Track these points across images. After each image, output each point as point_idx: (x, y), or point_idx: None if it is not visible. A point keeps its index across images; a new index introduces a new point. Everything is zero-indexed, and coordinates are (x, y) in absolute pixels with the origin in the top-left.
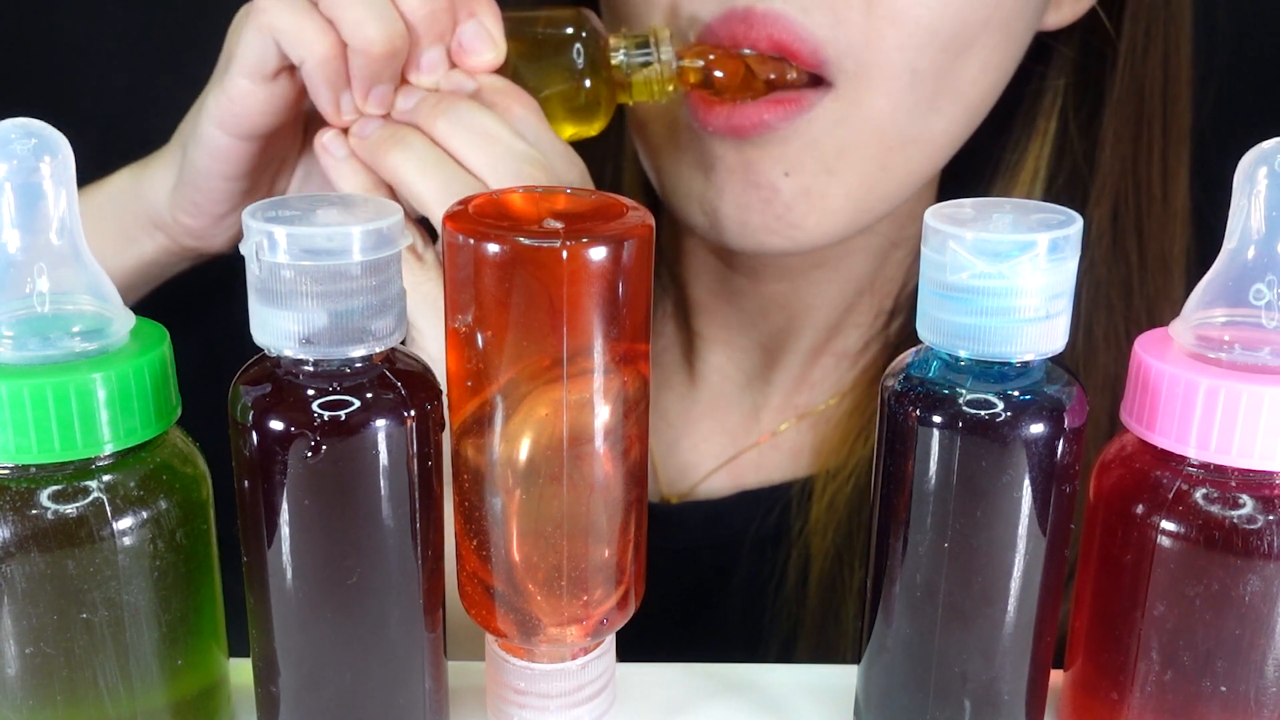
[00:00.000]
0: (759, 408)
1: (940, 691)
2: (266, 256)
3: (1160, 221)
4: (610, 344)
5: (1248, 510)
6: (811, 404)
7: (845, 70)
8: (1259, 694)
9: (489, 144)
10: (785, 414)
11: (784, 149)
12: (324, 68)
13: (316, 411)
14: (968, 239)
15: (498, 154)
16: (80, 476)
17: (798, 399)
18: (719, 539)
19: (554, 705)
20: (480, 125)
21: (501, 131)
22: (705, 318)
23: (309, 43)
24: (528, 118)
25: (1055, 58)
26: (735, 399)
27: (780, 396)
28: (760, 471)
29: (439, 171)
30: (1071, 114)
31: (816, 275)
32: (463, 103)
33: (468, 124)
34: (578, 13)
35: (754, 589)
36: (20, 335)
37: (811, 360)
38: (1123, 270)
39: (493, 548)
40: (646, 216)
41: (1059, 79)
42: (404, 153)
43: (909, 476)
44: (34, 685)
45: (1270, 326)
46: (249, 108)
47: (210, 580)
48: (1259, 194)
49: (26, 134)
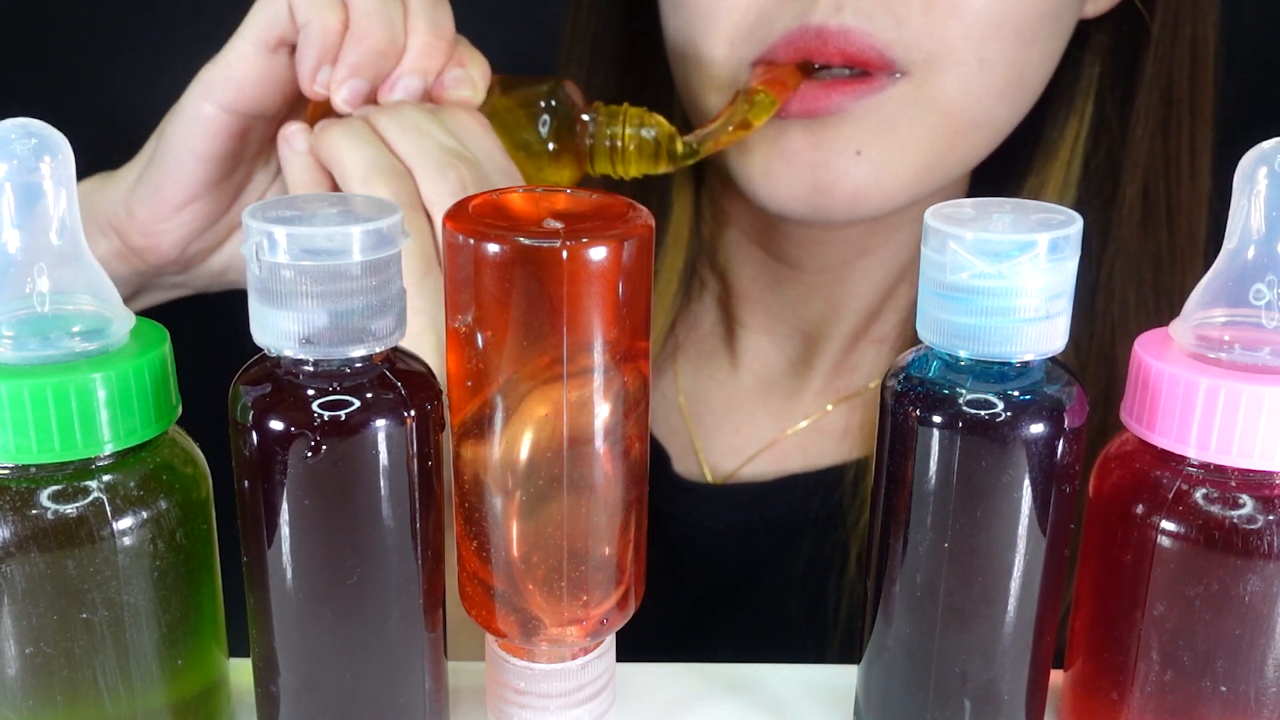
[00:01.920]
0: (800, 392)
1: (940, 691)
2: (266, 256)
3: (1188, 198)
4: (610, 344)
5: (1248, 510)
6: (851, 388)
7: (915, 61)
8: (1259, 694)
9: (420, 136)
10: (826, 398)
11: (856, 128)
12: (323, 36)
13: (316, 411)
14: (968, 239)
15: (425, 146)
16: (80, 476)
17: (838, 383)
18: (769, 520)
19: (554, 705)
20: (416, 121)
21: (434, 129)
22: (748, 307)
23: (320, 8)
24: (470, 124)
25: (1090, 43)
26: (776, 384)
27: (821, 381)
28: (805, 455)
29: (367, 148)
30: (1108, 95)
31: (859, 264)
32: (409, 106)
33: (406, 120)
34: (557, 81)
35: (813, 571)
36: (20, 335)
37: (851, 345)
38: (1153, 245)
39: (493, 548)
40: (647, 216)
41: (1095, 64)
42: (343, 132)
43: (909, 476)
44: (34, 685)
45: (1270, 326)
46: (243, 73)
47: (210, 580)
48: (1259, 194)
49: (26, 134)
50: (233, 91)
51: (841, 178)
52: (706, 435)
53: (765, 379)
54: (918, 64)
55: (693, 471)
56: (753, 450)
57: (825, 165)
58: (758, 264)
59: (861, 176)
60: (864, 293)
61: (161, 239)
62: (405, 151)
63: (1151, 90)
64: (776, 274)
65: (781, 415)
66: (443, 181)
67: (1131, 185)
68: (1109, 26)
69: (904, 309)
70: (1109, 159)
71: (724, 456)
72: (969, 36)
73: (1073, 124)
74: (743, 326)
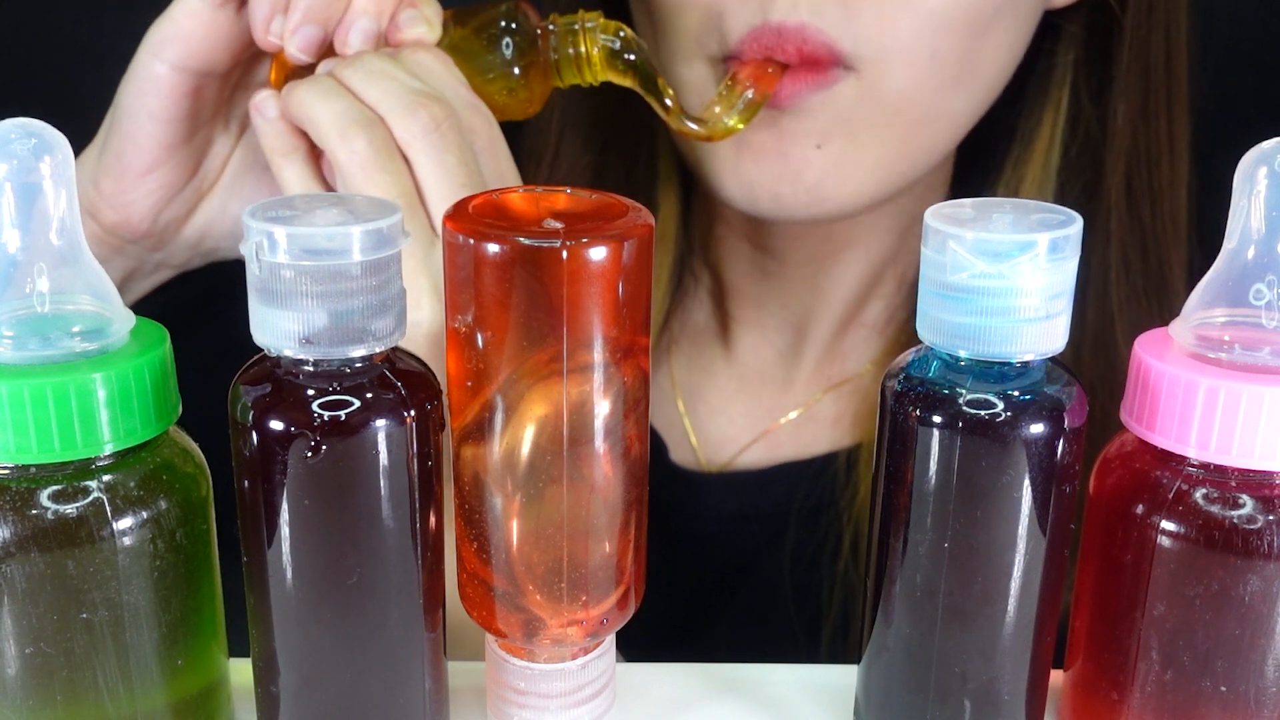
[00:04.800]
0: (791, 380)
1: (940, 691)
2: (266, 256)
3: (1169, 182)
4: (610, 344)
5: (1248, 510)
6: (843, 374)
7: (863, 57)
8: (1259, 694)
9: (384, 80)
10: (818, 385)
11: (815, 121)
12: None
13: (316, 411)
14: (968, 239)
15: (392, 90)
16: (80, 476)
17: (829, 370)
18: (765, 508)
19: (554, 705)
20: (379, 67)
21: (397, 72)
22: (737, 300)
23: None
24: (431, 64)
25: (1064, 35)
26: (769, 374)
27: (811, 368)
28: (798, 443)
29: (336, 101)
30: (1082, 85)
31: (843, 256)
32: (369, 54)
33: (369, 67)
34: (512, 2)
35: (805, 558)
36: (20, 335)
37: (840, 333)
38: (1138, 229)
39: (493, 548)
40: (646, 216)
41: (1068, 54)
42: (310, 89)
43: (909, 476)
44: (34, 685)
45: (1270, 326)
46: (191, 29)
47: (210, 580)
48: (1259, 194)
49: (26, 134)
50: (181, 48)
51: (802, 170)
52: (702, 426)
53: (758, 370)
54: (867, 59)
55: (688, 461)
56: (747, 440)
57: (786, 157)
58: (746, 258)
59: (821, 169)
60: (849, 282)
61: (131, 210)
62: (373, 98)
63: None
64: (763, 267)
65: (774, 404)
66: (414, 121)
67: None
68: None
69: (890, 296)
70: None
71: (719, 446)
72: (921, 31)
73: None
74: (734, 320)
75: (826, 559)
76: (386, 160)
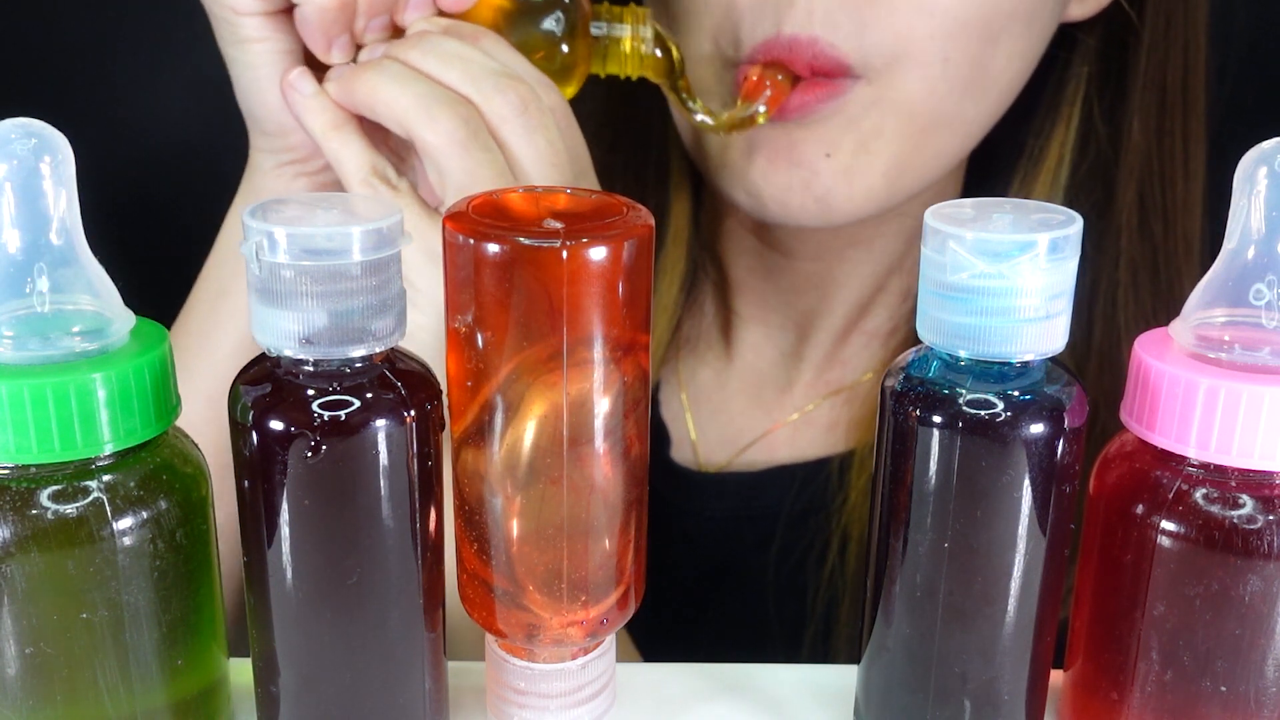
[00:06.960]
0: (792, 383)
1: (940, 691)
2: (266, 256)
3: (1183, 202)
4: (610, 344)
5: (1248, 510)
6: (842, 380)
7: (874, 66)
8: (1259, 694)
9: (463, 63)
10: (817, 390)
11: (825, 129)
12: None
13: (316, 411)
14: (968, 239)
15: (473, 71)
16: (80, 476)
17: (829, 375)
18: (757, 510)
19: (554, 705)
20: (451, 49)
21: (473, 54)
22: (743, 296)
23: None
24: (497, 45)
25: (1079, 47)
26: (769, 375)
27: (812, 373)
28: (794, 447)
29: (417, 84)
30: (1095, 101)
31: (850, 255)
32: (432, 34)
33: (439, 49)
34: None
35: (792, 561)
36: (20, 335)
37: (842, 338)
38: (1149, 248)
39: (493, 548)
40: (646, 216)
41: (1083, 67)
42: (379, 74)
43: (909, 476)
44: (34, 685)
45: (1270, 326)
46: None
47: (210, 580)
48: (1259, 194)
49: (26, 134)
50: None
51: (811, 179)
52: (703, 425)
53: (759, 370)
54: (877, 68)
55: (688, 460)
56: (745, 441)
57: (796, 165)
58: (753, 253)
59: (831, 177)
60: (855, 284)
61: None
62: (454, 80)
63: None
64: (770, 262)
65: (773, 407)
66: (504, 103)
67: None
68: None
69: (894, 304)
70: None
71: (717, 447)
72: (935, 36)
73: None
74: (738, 316)
75: (813, 562)
76: (486, 140)
